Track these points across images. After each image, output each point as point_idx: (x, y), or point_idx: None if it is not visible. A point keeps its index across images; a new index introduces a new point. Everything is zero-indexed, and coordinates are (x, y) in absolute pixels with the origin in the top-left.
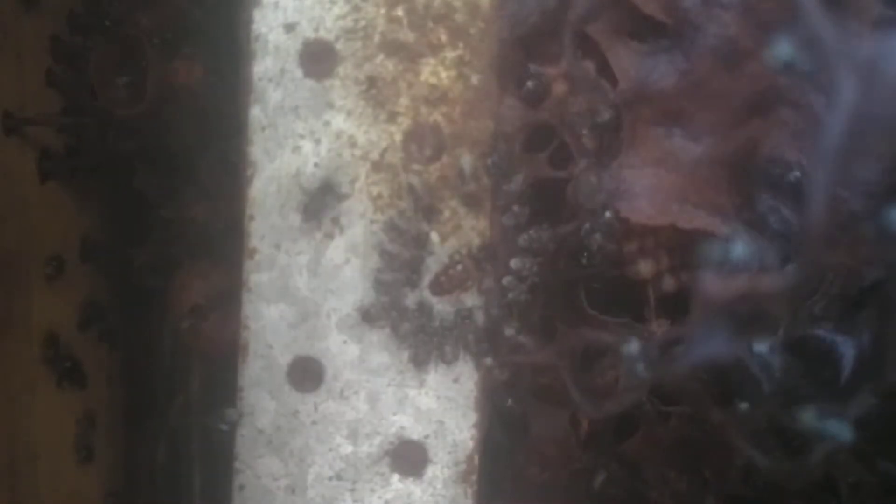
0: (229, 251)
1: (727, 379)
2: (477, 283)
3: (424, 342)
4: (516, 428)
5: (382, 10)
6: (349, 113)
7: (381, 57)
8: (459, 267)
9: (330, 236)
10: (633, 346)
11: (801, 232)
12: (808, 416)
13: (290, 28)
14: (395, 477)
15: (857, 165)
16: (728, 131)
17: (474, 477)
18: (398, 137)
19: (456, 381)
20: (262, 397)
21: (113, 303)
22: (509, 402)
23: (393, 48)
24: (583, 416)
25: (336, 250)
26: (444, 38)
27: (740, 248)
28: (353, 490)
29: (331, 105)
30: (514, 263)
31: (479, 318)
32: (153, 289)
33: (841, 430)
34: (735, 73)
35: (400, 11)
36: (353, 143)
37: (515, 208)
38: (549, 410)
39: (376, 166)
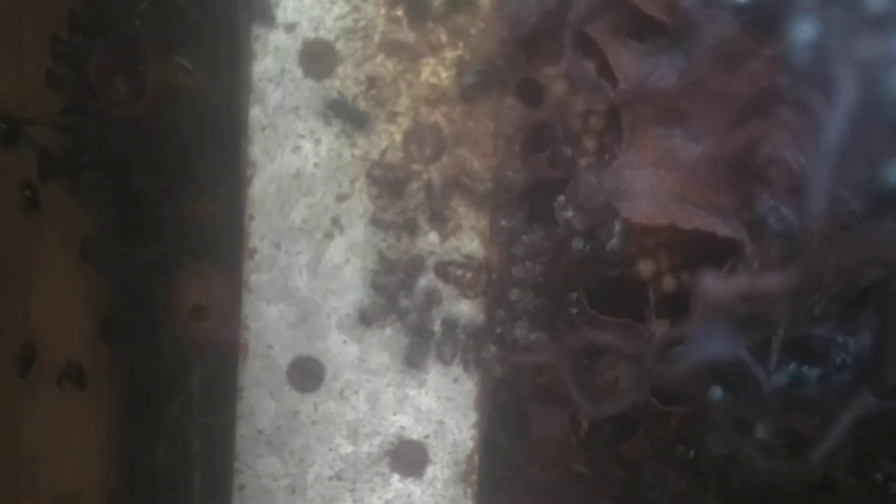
0: (229, 251)
1: (727, 378)
2: (478, 283)
3: (424, 342)
4: (516, 428)
5: (382, 10)
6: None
7: (381, 57)
8: (463, 267)
9: (330, 236)
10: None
11: (800, 232)
12: None
13: (290, 28)
14: (395, 477)
15: (856, 165)
16: (728, 131)
17: (474, 477)
18: (398, 137)
19: (456, 381)
20: (262, 397)
21: (113, 303)
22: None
23: (393, 48)
24: (583, 416)
25: (336, 250)
26: (444, 38)
27: None
28: (353, 490)
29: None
30: (515, 264)
31: (480, 317)
32: (153, 289)
33: None
34: (735, 73)
35: (400, 11)
36: (353, 143)
37: (511, 213)
38: (549, 410)
39: (377, 166)
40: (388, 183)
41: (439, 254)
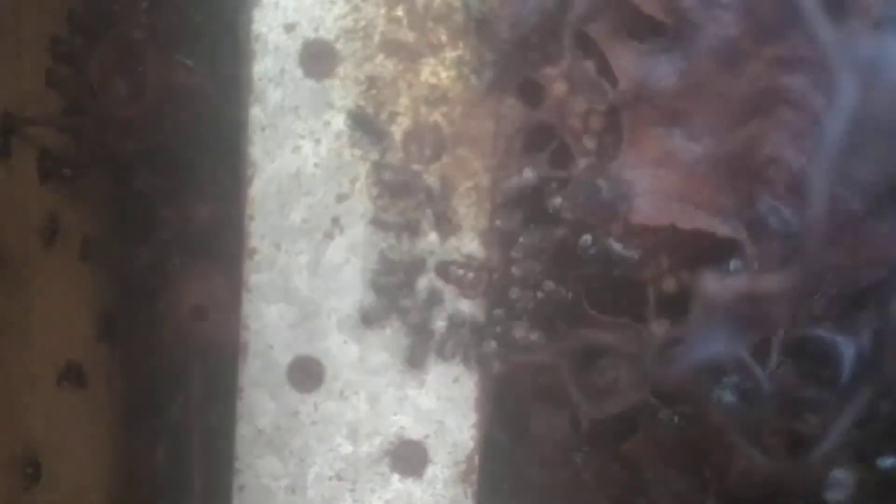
0: (229, 251)
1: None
2: (479, 283)
3: (424, 342)
4: (516, 428)
5: (382, 10)
6: (349, 113)
7: (381, 57)
8: (463, 267)
9: (330, 236)
10: None
11: (801, 232)
12: None
13: (290, 28)
14: (395, 477)
15: (857, 165)
16: (728, 131)
17: (474, 477)
18: (398, 137)
19: (456, 381)
20: (262, 397)
21: (113, 303)
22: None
23: (393, 48)
24: (583, 416)
25: (336, 250)
26: (444, 38)
27: None
28: (353, 490)
29: (331, 105)
30: (515, 264)
31: (481, 317)
32: (153, 289)
33: None
34: (735, 73)
35: (400, 11)
36: (353, 143)
37: (510, 212)
38: (549, 410)
39: (376, 166)
40: (388, 183)
41: (439, 254)
